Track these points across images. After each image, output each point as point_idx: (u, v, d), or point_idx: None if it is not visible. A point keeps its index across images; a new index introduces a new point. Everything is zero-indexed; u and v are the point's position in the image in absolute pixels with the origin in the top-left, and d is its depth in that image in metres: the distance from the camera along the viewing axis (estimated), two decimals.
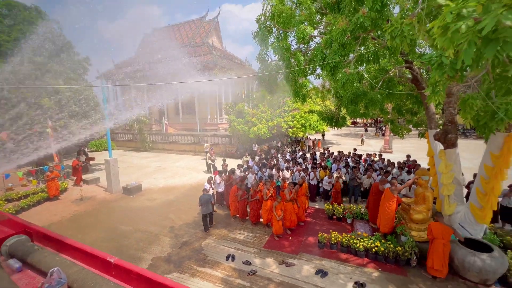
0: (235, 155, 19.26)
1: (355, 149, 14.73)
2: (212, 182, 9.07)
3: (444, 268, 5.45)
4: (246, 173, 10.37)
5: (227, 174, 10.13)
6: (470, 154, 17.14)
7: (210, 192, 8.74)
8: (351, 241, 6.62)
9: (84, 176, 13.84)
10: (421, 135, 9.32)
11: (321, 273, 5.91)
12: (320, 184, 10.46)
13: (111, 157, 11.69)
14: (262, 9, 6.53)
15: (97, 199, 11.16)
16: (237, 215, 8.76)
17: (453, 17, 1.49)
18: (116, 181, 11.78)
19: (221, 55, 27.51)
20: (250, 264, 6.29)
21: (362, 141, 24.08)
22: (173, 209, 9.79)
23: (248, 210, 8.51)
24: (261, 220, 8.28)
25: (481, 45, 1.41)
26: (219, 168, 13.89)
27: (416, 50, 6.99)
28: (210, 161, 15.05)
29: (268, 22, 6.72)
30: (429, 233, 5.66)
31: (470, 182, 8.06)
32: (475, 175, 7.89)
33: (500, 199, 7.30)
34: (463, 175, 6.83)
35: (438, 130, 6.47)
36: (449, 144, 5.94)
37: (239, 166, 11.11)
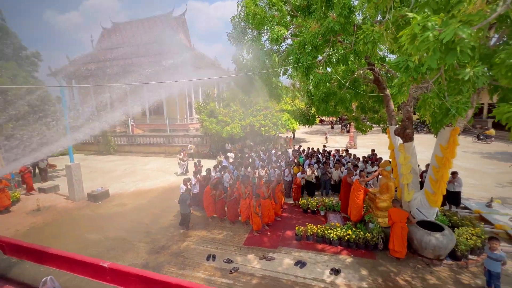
0: (208, 155, 19.00)
1: (324, 146, 15.57)
2: (188, 183, 8.89)
3: (403, 249, 6.13)
4: (222, 173, 10.36)
5: (202, 175, 10.00)
6: (422, 147, 19.21)
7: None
8: (326, 231, 7.05)
9: (40, 185, 12.48)
10: (384, 131, 10.25)
11: (300, 264, 6.21)
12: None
13: (72, 162, 10.72)
14: (237, 10, 6.61)
15: (57, 208, 10.17)
16: (215, 215, 8.73)
17: (420, 28, 1.78)
18: (80, 188, 10.86)
19: (190, 53, 26.81)
20: (232, 262, 6.34)
21: (326, 138, 25.14)
22: (147, 214, 9.37)
23: (226, 209, 8.54)
24: (240, 218, 8.37)
25: (443, 52, 1.71)
26: (192, 169, 13.69)
27: (378, 53, 7.69)
28: (182, 162, 14.68)
29: (242, 23, 6.81)
30: (389, 219, 6.32)
31: (423, 172, 9.10)
32: (427, 166, 8.97)
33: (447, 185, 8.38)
34: (418, 166, 7.71)
35: (397, 126, 7.22)
36: (407, 138, 6.67)
37: (215, 167, 11.03)
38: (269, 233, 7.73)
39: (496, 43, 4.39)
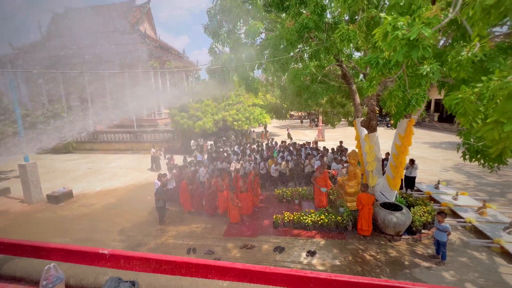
0: (180, 150, 18.49)
1: (283, 141, 15.66)
2: (162, 178, 8.66)
3: (369, 228, 6.86)
4: (197, 167, 10.27)
5: (178, 169, 9.81)
6: (380, 138, 21.06)
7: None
8: (301, 218, 7.51)
9: None
10: (350, 124, 11.07)
11: (279, 249, 6.56)
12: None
13: (27, 161, 9.67)
14: (213, 2, 6.57)
15: (11, 212, 9.14)
16: (192, 210, 8.68)
17: (391, 27, 2.09)
18: (37, 189, 9.86)
19: (156, 45, 25.49)
20: (213, 253, 6.45)
21: (289, 134, 22.62)
22: (118, 212, 8.93)
23: (204, 203, 8.55)
24: (218, 211, 8.45)
25: (409, 48, 2.04)
26: (164, 165, 13.26)
27: (344, 51, 8.27)
28: (155, 158, 14.13)
29: (218, 16, 6.80)
30: (359, 203, 6.98)
31: (384, 160, 10.09)
32: (387, 154, 9.97)
33: (404, 171, 9.44)
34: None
35: (363, 118, 7.91)
36: (372, 129, 7.36)
37: (191, 162, 10.86)
38: (247, 223, 7.96)
39: (443, 45, 5.11)
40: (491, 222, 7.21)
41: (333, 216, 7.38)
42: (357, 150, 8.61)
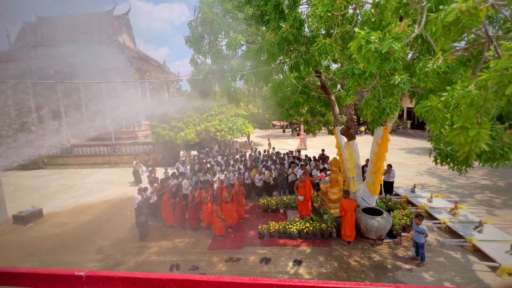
0: (161, 163, 17.95)
1: (265, 151, 15.78)
2: (143, 192, 8.32)
3: (353, 233, 7.00)
4: (180, 179, 10.01)
5: (159, 182, 9.49)
6: (359, 146, 21.89)
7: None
8: (287, 227, 7.50)
9: None
10: (330, 132, 11.43)
11: (265, 260, 6.47)
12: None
13: None
14: (194, 15, 6.65)
15: None
16: (175, 224, 8.38)
17: (365, 41, 2.25)
18: (2, 209, 9.04)
19: (135, 56, 25.05)
20: (197, 268, 6.22)
21: (270, 144, 21.87)
22: (94, 231, 8.39)
23: (187, 216, 8.29)
24: (202, 224, 8.22)
25: (381, 61, 2.20)
26: (145, 178, 12.76)
27: (323, 63, 8.65)
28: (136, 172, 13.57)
29: (199, 28, 6.88)
30: (342, 209, 7.13)
31: (364, 166, 10.46)
32: (367, 161, 10.35)
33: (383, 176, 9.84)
34: None
35: (342, 126, 8.21)
36: (351, 136, 7.66)
37: (173, 174, 10.55)
38: (232, 235, 7.80)
39: (411, 58, 5.53)
40: (463, 222, 7.66)
41: (317, 224, 7.45)
42: (338, 157, 8.88)
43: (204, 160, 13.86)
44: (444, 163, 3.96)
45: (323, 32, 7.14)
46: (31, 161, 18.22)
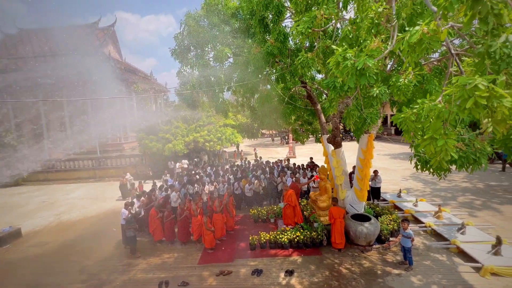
0: (149, 176, 17.57)
1: (261, 159, 16.38)
2: (130, 207, 8.09)
3: (343, 240, 7.08)
4: (168, 192, 9.82)
5: (146, 196, 9.27)
6: (347, 152, 22.35)
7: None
8: (277, 237, 7.48)
9: None
10: (317, 140, 11.66)
11: (257, 272, 6.39)
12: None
13: None
14: (180, 28, 6.76)
15: None
16: (163, 239, 8.16)
17: (341, 58, 2.39)
18: None
19: (121, 67, 24.81)
20: (187, 284, 6.05)
21: (256, 154, 22.20)
22: (77, 250, 8.02)
23: (176, 230, 8.11)
24: (192, 238, 8.06)
25: (358, 76, 2.34)
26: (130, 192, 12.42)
27: (307, 74, 8.93)
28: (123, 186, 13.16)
29: (186, 41, 6.98)
30: (331, 217, 7.22)
31: (351, 173, 10.69)
32: (354, 167, 10.57)
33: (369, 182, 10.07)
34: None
35: (329, 135, 8.41)
36: (337, 144, 7.84)
37: (160, 187, 10.35)
38: (223, 248, 7.68)
39: (390, 69, 5.84)
40: (447, 225, 7.92)
41: (308, 232, 7.48)
42: (326, 165, 9.04)
43: (193, 172, 13.69)
44: (424, 169, 4.14)
45: (307, 45, 7.44)
46: (13, 179, 17.38)
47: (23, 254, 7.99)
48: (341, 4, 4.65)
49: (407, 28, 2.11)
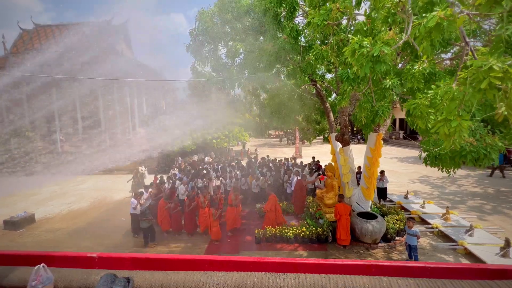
0: (157, 170, 17.86)
1: (268, 157, 16.32)
2: (140, 197, 8.30)
3: (348, 237, 7.11)
4: (176, 185, 10.01)
5: (155, 187, 9.48)
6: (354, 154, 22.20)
7: (138, 208, 8.00)
8: (283, 231, 7.56)
9: None
10: (325, 139, 11.69)
11: None
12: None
13: None
14: (195, 24, 6.93)
15: None
16: (170, 229, 8.33)
17: (358, 46, 2.48)
18: None
19: (133, 64, 25.30)
20: None
21: (257, 155, 21.88)
22: (88, 236, 8.27)
23: (183, 221, 8.27)
24: (198, 229, 8.22)
25: (374, 63, 2.43)
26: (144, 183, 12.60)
27: (318, 72, 9.00)
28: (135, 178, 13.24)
29: (200, 37, 7.15)
30: (336, 213, 7.26)
31: (357, 173, 10.67)
32: (359, 168, 10.57)
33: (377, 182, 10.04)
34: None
35: (337, 133, 8.46)
36: (345, 142, 7.89)
37: (168, 178, 10.57)
38: (229, 240, 7.80)
39: (401, 67, 5.87)
40: (455, 226, 7.85)
41: (313, 228, 7.53)
42: (333, 163, 9.08)
43: (200, 166, 13.88)
44: (433, 165, 4.17)
45: (319, 42, 7.52)
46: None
47: (37, 238, 8.28)
48: (354, 2, 4.74)
49: (423, 14, 2.19)
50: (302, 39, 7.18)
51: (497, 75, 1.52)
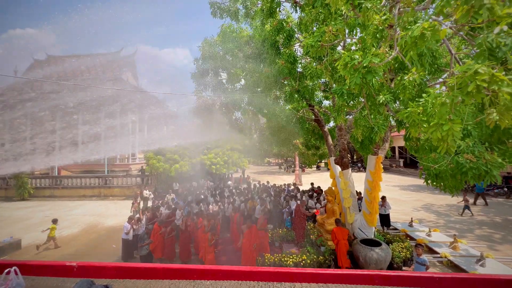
0: (154, 196, 17.45)
1: (268, 182, 16.30)
2: (133, 221, 7.99)
3: (347, 263, 6.75)
4: (172, 211, 9.70)
5: (150, 212, 9.17)
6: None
7: (131, 234, 7.66)
8: (283, 259, 7.11)
9: None
10: (326, 165, 11.63)
11: None
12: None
13: None
14: (200, 53, 7.35)
15: None
16: (162, 257, 7.86)
17: (349, 59, 2.60)
18: None
19: (137, 91, 26.23)
20: None
21: (249, 183, 21.50)
22: None
23: (179, 248, 7.85)
24: (193, 257, 7.76)
25: (364, 73, 2.52)
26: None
27: (315, 99, 9.28)
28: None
29: (203, 66, 7.54)
30: (334, 237, 6.95)
31: (358, 199, 10.40)
32: (359, 193, 10.35)
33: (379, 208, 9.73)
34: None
35: (336, 157, 8.44)
36: (345, 166, 7.82)
37: (163, 203, 10.29)
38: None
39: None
40: (464, 256, 7.41)
41: (314, 256, 7.11)
42: (333, 187, 8.90)
43: (198, 192, 13.60)
44: (434, 184, 4.08)
45: (314, 64, 7.90)
46: (16, 191, 17.54)
47: None
48: (347, 30, 5.07)
49: (408, 27, 2.32)
50: (299, 65, 7.57)
51: (483, 77, 1.56)
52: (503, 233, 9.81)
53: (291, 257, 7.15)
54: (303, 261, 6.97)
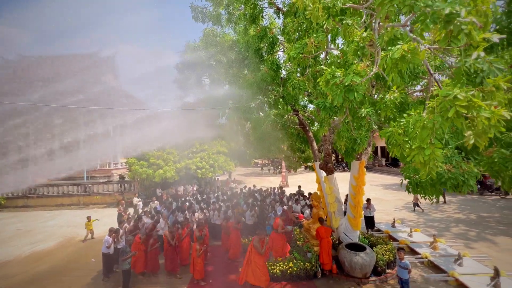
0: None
1: (254, 186, 16.18)
2: (114, 235, 7.60)
3: (330, 261, 6.90)
4: (155, 219, 9.35)
5: (132, 223, 8.78)
6: (340, 183, 22.30)
7: (112, 247, 7.29)
8: (269, 268, 7.04)
9: None
10: (310, 168, 11.72)
11: None
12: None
13: None
14: (183, 57, 7.13)
15: None
16: (145, 271, 7.53)
17: (330, 76, 2.56)
18: None
19: (119, 94, 25.29)
20: None
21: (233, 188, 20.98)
22: (50, 282, 7.28)
23: (165, 259, 7.54)
24: (182, 268, 7.50)
25: (346, 92, 2.49)
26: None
27: (300, 103, 9.31)
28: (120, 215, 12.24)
29: (186, 71, 7.32)
30: (317, 235, 7.05)
31: (344, 202, 10.57)
32: (346, 196, 10.49)
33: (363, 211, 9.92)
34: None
35: (321, 161, 8.50)
36: (329, 171, 7.89)
37: (146, 212, 9.91)
38: (211, 280, 7.13)
39: (376, 98, 6.19)
40: (444, 256, 7.69)
41: (301, 263, 7.09)
42: (318, 192, 8.95)
43: (183, 198, 13.26)
44: (415, 192, 4.16)
45: (298, 76, 7.91)
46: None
47: None
48: (329, 38, 5.08)
49: (389, 47, 2.33)
50: (283, 71, 7.54)
51: (462, 103, 1.56)
52: (477, 230, 10.31)
53: (278, 265, 7.09)
54: (290, 269, 6.94)
